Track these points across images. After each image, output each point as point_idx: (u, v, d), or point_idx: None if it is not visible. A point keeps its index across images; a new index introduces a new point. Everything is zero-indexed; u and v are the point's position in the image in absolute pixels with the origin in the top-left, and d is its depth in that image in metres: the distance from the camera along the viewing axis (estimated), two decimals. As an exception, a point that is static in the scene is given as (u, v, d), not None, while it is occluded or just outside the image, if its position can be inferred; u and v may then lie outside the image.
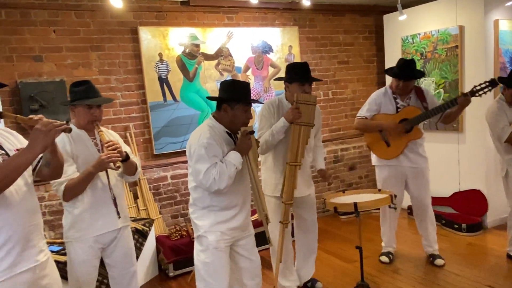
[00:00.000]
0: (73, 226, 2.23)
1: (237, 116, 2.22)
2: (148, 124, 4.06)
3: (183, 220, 4.27)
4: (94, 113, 2.22)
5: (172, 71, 4.10)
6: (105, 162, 2.13)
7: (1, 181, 1.42)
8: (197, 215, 2.27)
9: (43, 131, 1.43)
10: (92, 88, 2.23)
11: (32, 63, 3.62)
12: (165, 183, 4.18)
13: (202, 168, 2.09)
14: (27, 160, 1.46)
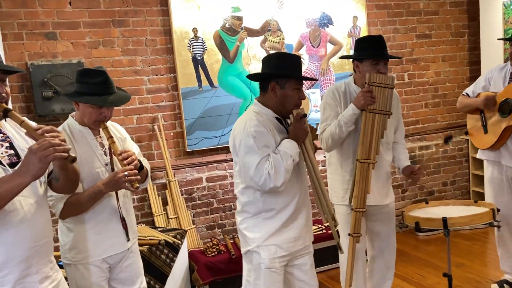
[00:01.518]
0: (75, 246, 2.17)
1: (288, 96, 2.19)
2: (179, 115, 4.05)
3: (221, 232, 4.25)
4: (104, 113, 2.14)
5: (208, 50, 4.08)
6: (122, 182, 2.05)
7: None
8: (247, 225, 2.25)
9: (37, 154, 1.37)
10: (106, 81, 2.13)
11: (45, 41, 3.65)
12: (199, 187, 4.16)
13: (253, 162, 2.08)
14: (12, 189, 1.41)
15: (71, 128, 2.19)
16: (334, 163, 2.89)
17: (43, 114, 3.59)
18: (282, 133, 2.22)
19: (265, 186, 2.09)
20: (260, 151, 2.09)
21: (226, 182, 4.24)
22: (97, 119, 2.15)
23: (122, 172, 2.06)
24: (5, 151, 1.55)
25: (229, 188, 4.26)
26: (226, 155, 4.17)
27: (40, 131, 1.47)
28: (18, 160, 1.56)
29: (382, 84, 2.63)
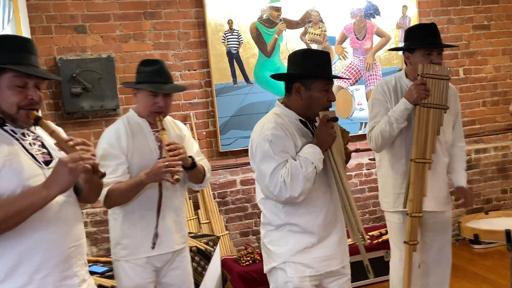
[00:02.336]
0: (120, 241, 2.25)
1: (314, 98, 2.07)
2: (213, 113, 4.03)
3: (256, 240, 4.18)
4: (158, 103, 2.22)
5: (244, 43, 4.04)
6: (162, 172, 2.10)
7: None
8: (270, 239, 2.12)
9: (68, 166, 1.40)
10: (161, 70, 2.26)
11: (74, 35, 3.69)
12: (233, 190, 4.13)
13: (268, 169, 1.97)
14: (37, 203, 1.43)
15: (129, 119, 2.29)
16: (384, 165, 2.77)
17: (71, 111, 3.61)
18: (306, 137, 2.09)
19: (281, 196, 1.96)
20: (276, 156, 1.98)
21: None
22: (152, 109, 2.23)
23: (164, 162, 2.09)
24: (39, 149, 1.59)
25: None
26: None
27: (71, 143, 1.50)
28: (51, 158, 1.59)
29: (436, 76, 2.53)
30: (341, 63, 4.30)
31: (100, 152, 2.21)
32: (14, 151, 1.49)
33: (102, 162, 2.13)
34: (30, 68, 1.50)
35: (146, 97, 2.23)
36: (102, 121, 3.75)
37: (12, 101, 1.49)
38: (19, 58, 1.49)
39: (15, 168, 1.46)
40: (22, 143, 1.54)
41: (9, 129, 1.54)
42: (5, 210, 1.39)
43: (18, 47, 1.51)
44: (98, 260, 3.25)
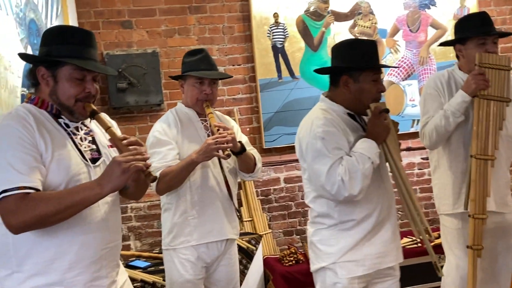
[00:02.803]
0: (172, 230, 2.32)
1: (364, 90, 2.03)
2: (257, 109, 4.02)
3: (299, 239, 4.14)
4: (205, 90, 2.29)
5: (290, 37, 4.01)
6: (212, 148, 2.14)
7: (48, 217, 1.41)
8: (321, 237, 2.09)
9: (122, 166, 1.43)
10: (206, 58, 2.33)
11: (120, 30, 3.77)
12: (276, 188, 4.10)
13: (323, 168, 1.93)
14: (89, 199, 1.46)
15: (178, 111, 2.38)
16: (442, 164, 2.64)
17: (117, 106, 3.70)
18: (357, 131, 2.05)
19: (339, 195, 1.92)
20: (330, 154, 1.94)
21: None
22: (199, 97, 2.30)
23: (213, 139, 2.14)
24: (88, 145, 1.61)
25: None
26: None
27: (126, 142, 1.52)
28: (98, 156, 1.62)
29: (495, 66, 2.41)
30: (393, 56, 4.17)
31: (151, 140, 2.29)
32: (64, 146, 1.52)
33: (153, 149, 2.22)
34: (90, 63, 1.53)
35: (192, 85, 2.31)
36: (146, 116, 3.81)
37: (71, 93, 1.52)
38: (80, 52, 1.51)
39: (63, 164, 1.49)
40: (73, 138, 1.57)
41: (63, 122, 1.57)
42: (58, 202, 1.41)
43: (79, 40, 1.53)
44: (141, 255, 3.31)
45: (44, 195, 1.42)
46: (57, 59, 1.49)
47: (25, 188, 1.37)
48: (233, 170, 2.42)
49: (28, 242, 1.45)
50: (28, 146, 1.42)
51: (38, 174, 1.42)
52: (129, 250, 3.70)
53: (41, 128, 1.47)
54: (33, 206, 1.38)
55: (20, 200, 1.37)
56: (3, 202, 1.37)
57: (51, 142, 1.47)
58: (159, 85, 3.75)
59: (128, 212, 3.82)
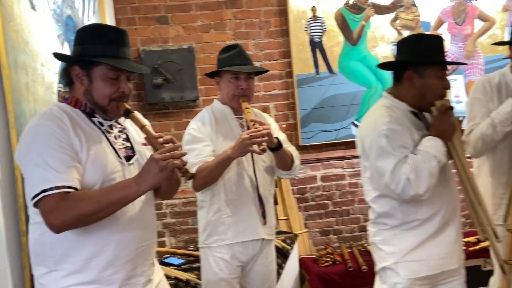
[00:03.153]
0: (206, 228, 2.33)
1: (429, 86, 1.99)
2: (293, 105, 4.00)
3: (337, 239, 4.13)
4: (241, 85, 2.29)
5: (328, 31, 3.99)
6: (247, 143, 2.12)
7: (88, 216, 1.43)
8: (383, 237, 2.08)
9: (159, 164, 1.43)
10: (240, 53, 2.34)
11: (157, 26, 3.82)
12: (313, 186, 4.08)
13: (387, 166, 1.91)
14: (127, 197, 1.47)
15: (213, 109, 2.39)
16: (484, 173, 2.56)
17: (153, 102, 3.75)
18: (421, 130, 2.02)
19: (405, 194, 1.90)
20: (396, 152, 1.91)
21: (344, 182, 4.08)
22: (236, 93, 2.30)
23: (247, 133, 2.14)
24: (122, 143, 1.63)
25: (347, 190, 4.09)
26: (345, 151, 4.04)
27: (161, 140, 1.53)
28: (132, 153, 1.63)
29: None
30: (436, 51, 4.05)
31: (186, 138, 2.32)
32: (99, 145, 1.53)
33: (188, 146, 2.25)
34: (124, 62, 1.53)
35: (228, 81, 2.31)
36: (182, 112, 3.85)
37: (105, 93, 1.53)
38: (114, 51, 1.52)
39: (99, 162, 1.50)
40: (108, 137, 1.58)
41: (97, 120, 1.58)
42: (98, 201, 1.42)
43: (113, 39, 1.54)
44: (175, 252, 3.32)
45: (84, 194, 1.43)
46: (91, 59, 1.50)
47: (64, 187, 1.39)
48: (269, 168, 2.40)
49: (65, 241, 1.47)
50: (64, 146, 1.44)
51: (76, 173, 1.44)
52: (164, 247, 3.75)
53: (75, 127, 1.49)
54: (73, 205, 1.39)
55: (60, 200, 1.38)
56: (43, 201, 1.39)
57: (86, 141, 1.49)
58: (194, 81, 3.77)
59: (163, 208, 3.87)
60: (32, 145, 1.43)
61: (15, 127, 1.67)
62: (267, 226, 2.37)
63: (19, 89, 1.75)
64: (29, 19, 1.89)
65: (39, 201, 1.39)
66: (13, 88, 1.69)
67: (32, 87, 1.86)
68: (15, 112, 1.69)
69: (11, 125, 1.66)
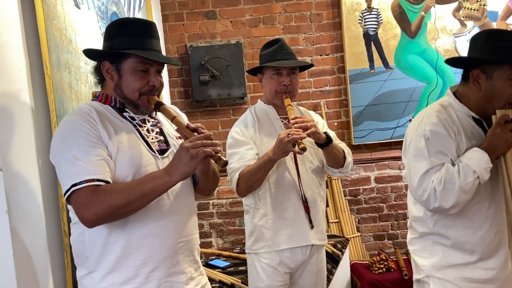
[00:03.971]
0: (252, 234, 2.31)
1: (496, 89, 1.81)
2: (346, 102, 3.96)
3: (392, 245, 4.04)
4: (283, 81, 2.25)
5: (384, 23, 3.91)
6: (286, 143, 2.07)
7: (120, 208, 1.42)
8: (415, 248, 2.00)
9: (190, 152, 1.42)
10: (282, 47, 2.30)
11: (204, 21, 3.84)
12: (366, 188, 4.02)
13: (418, 170, 1.82)
14: (160, 187, 1.46)
15: (256, 109, 2.37)
16: None
17: (199, 99, 3.77)
18: (477, 139, 1.85)
19: (428, 204, 1.80)
20: (431, 158, 1.79)
21: (400, 185, 3.98)
22: (278, 89, 2.27)
23: (285, 133, 2.09)
24: (156, 136, 1.62)
25: (403, 192, 3.99)
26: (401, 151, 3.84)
27: (192, 126, 1.52)
28: (167, 147, 1.62)
29: None
30: (504, 42, 3.83)
31: (229, 142, 2.29)
32: (130, 138, 1.53)
33: (231, 150, 2.23)
34: (153, 54, 1.54)
35: (270, 78, 2.28)
36: (229, 110, 3.86)
37: (134, 87, 1.54)
38: (142, 43, 1.53)
39: (129, 155, 1.50)
40: (139, 130, 1.58)
41: (128, 115, 1.59)
42: (129, 193, 1.42)
43: (141, 31, 1.55)
44: (221, 254, 3.32)
45: (114, 187, 1.43)
46: (118, 51, 1.51)
47: (93, 180, 1.40)
48: (318, 169, 2.33)
49: (101, 239, 1.48)
50: (93, 140, 1.45)
51: (106, 167, 1.44)
52: (211, 248, 3.77)
53: (104, 121, 1.50)
54: (104, 198, 1.39)
55: (90, 193, 1.39)
56: (74, 196, 1.40)
57: (115, 134, 1.49)
58: (242, 77, 3.77)
59: (210, 208, 3.90)
60: (61, 142, 1.45)
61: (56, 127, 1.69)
62: (317, 231, 2.31)
63: (62, 88, 1.78)
64: (73, 17, 1.92)
65: (70, 196, 1.41)
66: (56, 87, 1.73)
67: (75, 85, 1.90)
68: (57, 111, 1.73)
69: (53, 124, 1.70)
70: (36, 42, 1.66)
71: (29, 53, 1.63)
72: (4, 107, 1.47)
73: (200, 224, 3.85)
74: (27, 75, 1.61)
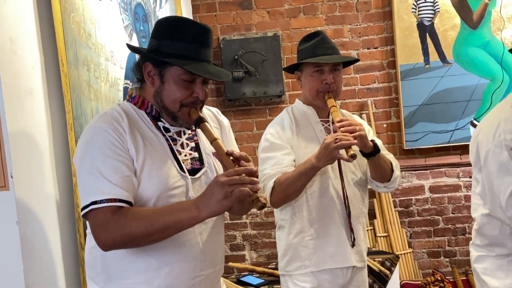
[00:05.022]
0: (286, 252, 2.26)
1: None
2: (396, 101, 3.96)
3: (448, 263, 4.01)
4: (325, 79, 2.19)
5: (441, 13, 3.91)
6: (332, 148, 2.01)
7: (139, 237, 1.41)
8: (486, 266, 1.98)
9: (224, 189, 1.39)
10: (323, 41, 2.26)
11: (239, 11, 3.89)
12: (419, 198, 4.00)
13: (505, 187, 1.80)
14: (184, 222, 1.43)
15: (294, 109, 2.33)
16: None
17: (233, 98, 3.80)
18: None
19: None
20: None
21: (458, 195, 3.94)
22: (320, 88, 2.20)
23: (331, 137, 2.03)
24: (189, 153, 1.60)
25: (462, 203, 3.94)
26: (461, 157, 3.94)
27: (232, 157, 1.49)
28: (200, 166, 1.60)
29: None
30: None
31: (263, 145, 2.26)
32: (159, 154, 1.51)
33: (265, 154, 2.20)
34: (202, 67, 1.49)
35: (310, 75, 2.22)
36: (265, 109, 3.88)
37: (176, 97, 1.50)
38: (193, 51, 1.49)
39: (156, 174, 1.48)
40: (171, 145, 1.56)
41: (163, 126, 1.56)
42: (151, 223, 1.40)
43: (193, 37, 1.50)
44: (255, 270, 3.29)
45: (136, 213, 1.42)
46: (164, 59, 1.49)
47: (115, 200, 1.39)
48: (361, 182, 2.28)
49: (115, 261, 1.48)
50: (120, 153, 1.43)
51: (131, 185, 1.43)
52: (244, 262, 3.78)
53: (134, 131, 1.48)
54: (123, 223, 1.38)
55: (111, 214, 1.38)
56: (93, 214, 1.39)
57: (143, 148, 1.47)
58: (280, 73, 3.78)
59: (244, 218, 3.93)
60: (86, 150, 1.44)
61: (73, 129, 1.72)
62: (356, 251, 2.26)
63: (80, 87, 1.79)
64: (93, 9, 1.93)
65: (88, 213, 1.40)
66: (73, 86, 1.73)
67: (94, 84, 1.91)
68: (74, 112, 1.74)
69: (69, 127, 1.71)
70: (52, 37, 1.67)
71: (43, 48, 1.63)
72: (16, 109, 1.48)
73: (232, 235, 3.86)
74: (41, 73, 1.62)
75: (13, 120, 1.45)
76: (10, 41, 1.47)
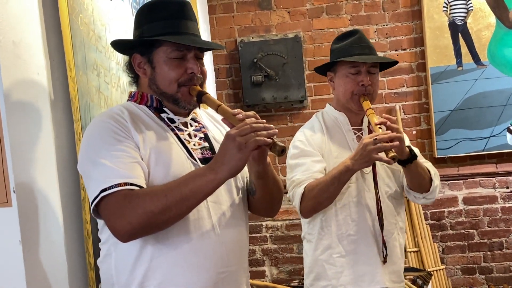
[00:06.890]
0: (313, 269, 2.22)
1: None
2: (427, 106, 3.95)
3: (484, 280, 3.98)
4: (362, 81, 2.16)
5: (475, 11, 3.89)
6: (371, 150, 1.96)
7: (156, 214, 1.37)
8: None
9: (236, 140, 1.36)
10: (360, 40, 2.23)
11: (257, 12, 3.88)
12: (453, 210, 3.97)
13: None
14: (201, 188, 1.40)
15: (324, 115, 2.31)
16: None
17: (251, 103, 3.80)
18: None
19: None
20: None
21: (494, 207, 3.89)
22: (355, 91, 2.17)
23: (370, 137, 1.99)
24: (199, 142, 1.60)
25: (499, 216, 3.89)
26: (497, 165, 3.91)
27: (240, 116, 1.46)
28: (212, 155, 1.58)
29: None
30: None
31: (292, 152, 2.24)
32: (166, 143, 1.50)
33: (294, 161, 2.17)
34: (187, 38, 1.50)
35: (345, 76, 2.18)
36: (286, 116, 3.87)
37: (171, 77, 1.50)
38: (175, 26, 1.50)
39: (162, 162, 1.46)
40: (178, 134, 1.55)
41: (167, 117, 1.56)
42: (165, 195, 1.38)
43: (172, 13, 1.52)
44: (276, 287, 3.24)
45: (149, 190, 1.40)
46: (146, 39, 1.49)
47: (126, 184, 1.36)
48: (396, 195, 2.21)
49: (129, 264, 1.45)
50: (123, 140, 1.42)
51: (140, 170, 1.41)
52: (263, 278, 3.76)
53: (136, 121, 1.47)
54: (137, 203, 1.35)
55: (122, 198, 1.35)
56: (104, 203, 1.36)
57: (148, 137, 1.46)
58: (301, 77, 3.78)
59: (263, 231, 3.90)
60: (87, 146, 1.43)
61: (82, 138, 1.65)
62: (391, 271, 2.19)
63: (89, 93, 1.75)
64: (103, 10, 1.90)
65: (100, 204, 1.36)
66: (81, 92, 1.70)
67: (104, 90, 1.87)
68: (83, 121, 1.70)
69: (78, 136, 1.67)
70: (58, 39, 1.64)
71: (49, 52, 1.61)
72: (20, 117, 1.44)
73: (251, 250, 3.83)
74: (47, 78, 1.59)
75: (16, 130, 1.42)
76: (13, 44, 1.43)
